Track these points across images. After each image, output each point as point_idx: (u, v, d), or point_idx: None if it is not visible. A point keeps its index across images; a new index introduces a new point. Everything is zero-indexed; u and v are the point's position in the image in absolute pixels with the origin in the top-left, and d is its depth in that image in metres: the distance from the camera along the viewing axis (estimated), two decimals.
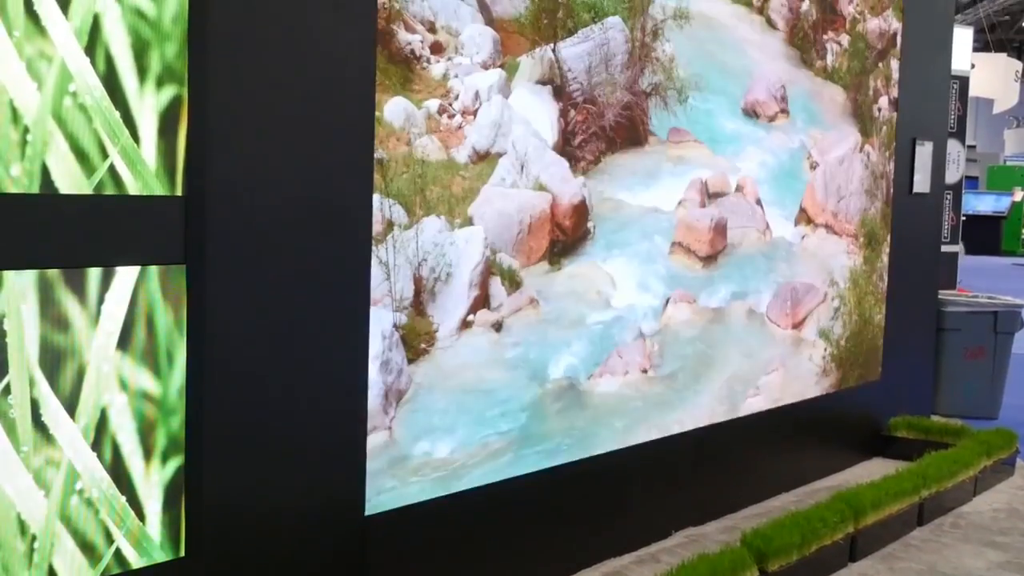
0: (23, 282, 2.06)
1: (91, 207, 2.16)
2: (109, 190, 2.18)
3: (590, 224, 3.56)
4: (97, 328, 2.18)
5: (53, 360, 2.12)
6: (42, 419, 2.10)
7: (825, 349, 5.00)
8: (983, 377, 6.65)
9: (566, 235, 3.47)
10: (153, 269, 2.27)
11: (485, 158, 3.14)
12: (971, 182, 21.05)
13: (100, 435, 2.20)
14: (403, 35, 2.86)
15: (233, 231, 2.42)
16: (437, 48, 2.98)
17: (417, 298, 2.95)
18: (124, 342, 2.23)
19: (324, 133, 2.63)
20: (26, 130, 2.03)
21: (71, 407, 2.15)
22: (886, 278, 5.46)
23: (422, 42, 2.93)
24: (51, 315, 2.10)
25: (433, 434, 3.04)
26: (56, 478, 2.13)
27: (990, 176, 25.89)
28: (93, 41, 2.12)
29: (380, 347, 2.84)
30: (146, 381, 2.28)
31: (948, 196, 7.53)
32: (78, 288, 2.15)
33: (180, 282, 2.32)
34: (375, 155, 2.78)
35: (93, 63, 2.12)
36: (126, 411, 2.25)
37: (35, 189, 2.05)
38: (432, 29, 2.96)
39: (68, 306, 2.13)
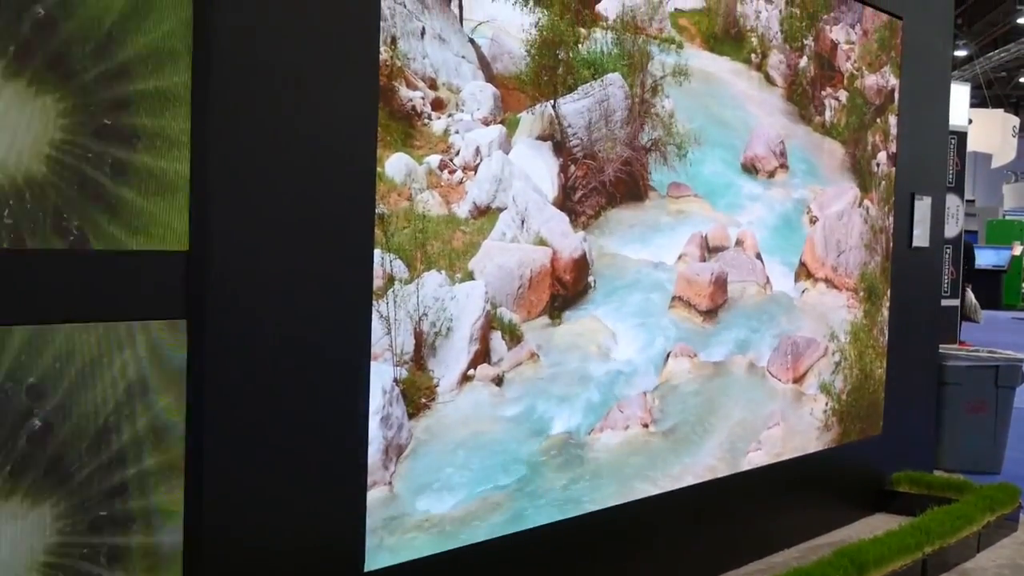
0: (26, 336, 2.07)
1: (93, 261, 2.17)
2: (112, 245, 2.19)
3: (590, 278, 3.57)
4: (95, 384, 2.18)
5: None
6: None
7: (826, 403, 4.99)
8: (985, 431, 6.63)
9: (567, 289, 3.48)
10: (154, 324, 2.28)
11: (486, 213, 3.16)
12: (971, 236, 21.12)
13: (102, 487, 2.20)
14: (405, 92, 2.89)
15: (235, 286, 2.43)
16: (438, 104, 3.00)
17: (418, 352, 2.95)
18: (124, 394, 2.23)
19: (325, 189, 2.65)
20: (35, 184, 2.05)
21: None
22: (887, 332, 5.46)
23: (423, 99, 2.95)
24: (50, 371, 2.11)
25: (433, 489, 3.03)
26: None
27: (989, 230, 25.96)
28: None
29: (380, 402, 2.84)
30: (147, 433, 2.28)
31: (948, 250, 7.55)
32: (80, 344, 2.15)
33: (181, 336, 2.33)
34: (376, 210, 2.79)
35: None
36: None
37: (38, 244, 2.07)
38: (433, 86, 2.99)
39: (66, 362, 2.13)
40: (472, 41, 3.12)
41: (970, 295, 9.47)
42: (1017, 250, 23.70)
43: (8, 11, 2.03)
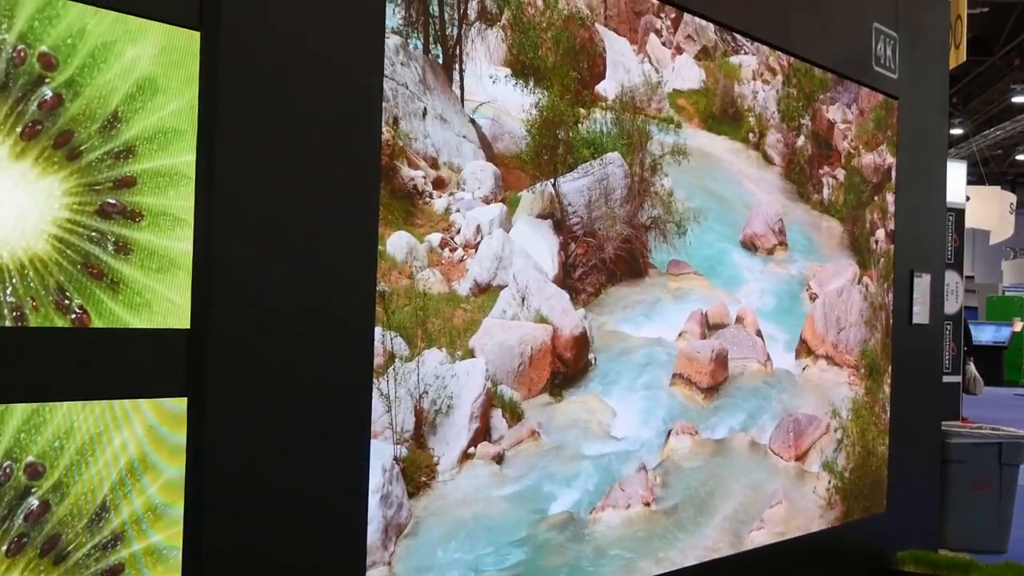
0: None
1: (94, 339, 2.18)
2: (113, 323, 2.20)
3: (591, 356, 3.57)
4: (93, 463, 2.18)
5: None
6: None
7: (829, 481, 4.96)
8: (990, 509, 6.57)
9: (567, 367, 3.48)
10: (153, 401, 2.28)
11: (486, 290, 3.17)
12: (970, 312, 21.15)
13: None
14: (406, 171, 2.92)
15: (235, 363, 2.43)
16: (440, 183, 3.03)
17: (418, 430, 2.94)
18: (122, 472, 2.22)
19: (327, 267, 2.66)
20: (38, 262, 2.06)
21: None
22: (889, 409, 5.44)
23: (425, 178, 2.98)
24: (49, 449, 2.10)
25: (433, 569, 2.99)
26: None
27: (989, 307, 26.01)
28: None
29: (380, 480, 2.82)
30: (145, 515, 2.26)
31: (948, 326, 7.56)
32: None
33: (181, 414, 2.33)
34: (377, 288, 2.80)
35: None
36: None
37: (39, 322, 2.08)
38: (435, 165, 3.02)
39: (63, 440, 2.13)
40: (473, 121, 3.16)
41: (971, 367, 9.47)
42: (1018, 326, 23.71)
43: (16, 92, 2.06)
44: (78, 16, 2.14)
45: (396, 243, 2.88)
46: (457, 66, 3.11)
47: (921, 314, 5.76)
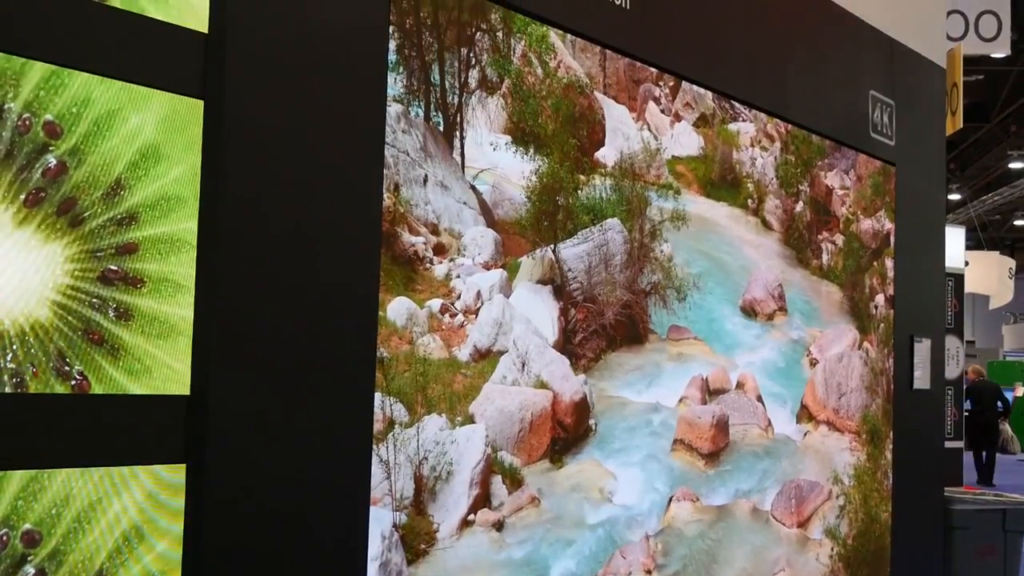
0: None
1: (93, 405, 2.17)
2: (113, 389, 2.20)
3: (591, 421, 3.56)
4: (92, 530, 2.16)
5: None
6: None
7: (832, 548, 4.91)
8: None
9: (568, 432, 3.47)
10: (152, 468, 2.27)
11: (486, 356, 3.17)
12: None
13: None
14: (407, 237, 2.94)
15: (235, 430, 2.42)
16: (440, 249, 3.05)
17: (418, 497, 2.92)
18: (120, 540, 2.20)
19: (327, 332, 2.66)
20: (39, 328, 2.06)
21: None
22: (891, 475, 5.41)
23: (425, 244, 3.00)
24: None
25: None
26: None
27: (990, 372, 25.94)
28: None
29: (379, 548, 2.80)
30: None
31: (949, 391, 7.54)
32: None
33: (180, 481, 2.31)
34: (377, 354, 2.80)
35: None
36: None
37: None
38: (435, 231, 3.04)
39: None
40: (474, 188, 3.18)
41: (1007, 427, 9.45)
42: (1019, 391, 23.65)
43: (20, 160, 2.08)
44: (83, 85, 2.17)
45: (396, 309, 2.88)
46: (458, 133, 3.14)
47: (922, 379, 5.75)
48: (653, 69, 3.94)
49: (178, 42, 2.35)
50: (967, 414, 16.00)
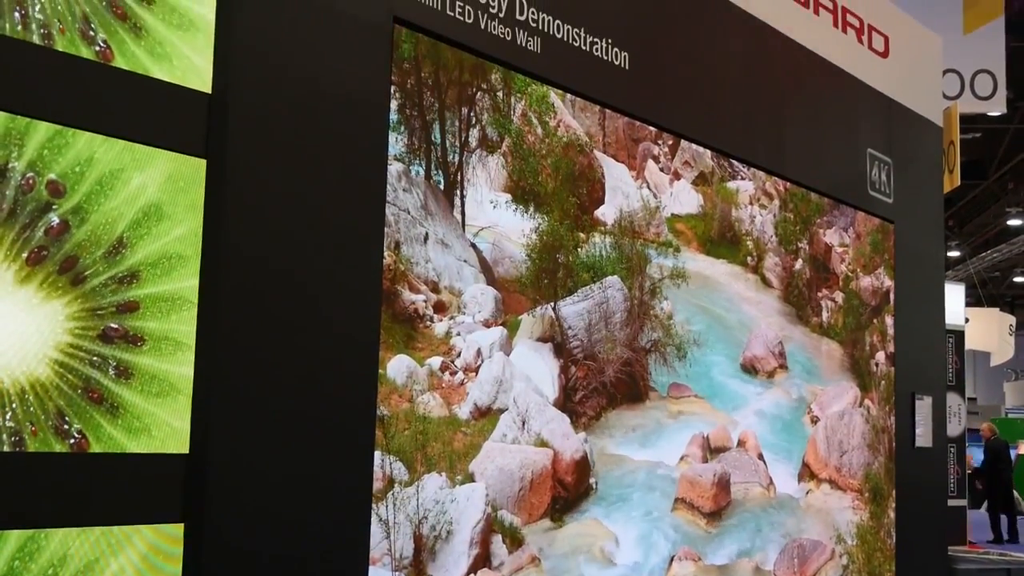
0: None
1: (92, 464, 2.16)
2: (111, 448, 2.19)
3: (592, 480, 3.54)
4: None
5: None
6: None
7: None
8: None
9: (568, 491, 3.44)
10: (150, 528, 2.25)
11: (487, 414, 3.17)
12: (973, 435, 20.99)
13: None
14: (407, 295, 2.94)
15: (234, 489, 2.41)
16: (440, 307, 3.05)
17: (417, 557, 2.90)
18: None
19: (327, 391, 2.66)
20: (38, 387, 2.06)
21: None
22: (894, 534, 5.37)
23: (426, 302, 3.00)
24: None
25: None
26: None
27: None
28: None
29: None
30: None
31: (952, 449, 7.51)
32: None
33: (177, 541, 2.30)
34: (377, 412, 2.80)
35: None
36: None
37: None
38: (435, 289, 3.04)
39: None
40: (474, 246, 3.19)
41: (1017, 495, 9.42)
42: (1022, 448, 23.51)
43: (23, 218, 2.09)
44: (87, 144, 2.19)
45: (396, 367, 2.88)
46: (458, 191, 3.16)
47: (924, 437, 5.73)
48: (652, 128, 3.97)
49: (182, 102, 2.38)
50: (980, 471, 15.82)
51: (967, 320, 8.76)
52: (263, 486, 2.49)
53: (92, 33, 2.22)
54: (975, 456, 16.35)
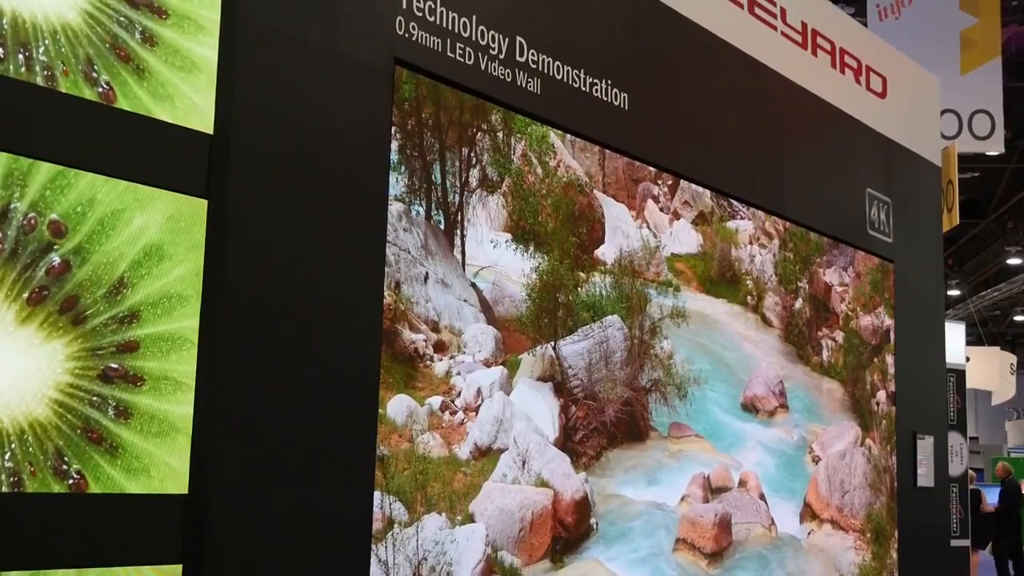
0: None
1: (91, 505, 2.16)
2: (110, 488, 2.18)
3: (592, 520, 3.52)
4: None
5: None
6: None
7: None
8: None
9: (568, 532, 3.43)
10: (148, 569, 2.24)
11: (487, 454, 3.16)
12: (976, 475, 20.92)
13: None
14: (408, 335, 2.94)
15: (232, 531, 2.40)
16: (440, 347, 3.05)
17: None
18: None
19: (327, 430, 2.65)
20: (37, 427, 2.06)
21: None
22: (896, 575, 5.33)
23: (426, 341, 3.00)
24: None
25: None
26: None
27: (994, 468, 25.72)
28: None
29: None
30: None
31: (954, 489, 7.47)
32: None
33: None
34: (377, 452, 2.79)
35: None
36: None
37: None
38: (436, 328, 3.04)
39: None
40: (474, 285, 3.20)
41: None
42: None
43: (24, 258, 2.09)
44: (88, 185, 2.20)
45: (396, 407, 2.87)
46: (458, 231, 3.17)
47: (926, 477, 5.70)
48: (652, 168, 3.98)
49: (183, 143, 2.39)
50: (993, 511, 15.58)
51: (968, 359, 8.75)
52: (262, 527, 2.48)
53: (95, 75, 2.24)
54: (989, 498, 16.01)
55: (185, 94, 2.40)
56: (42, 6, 2.16)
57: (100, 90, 2.25)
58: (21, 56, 2.13)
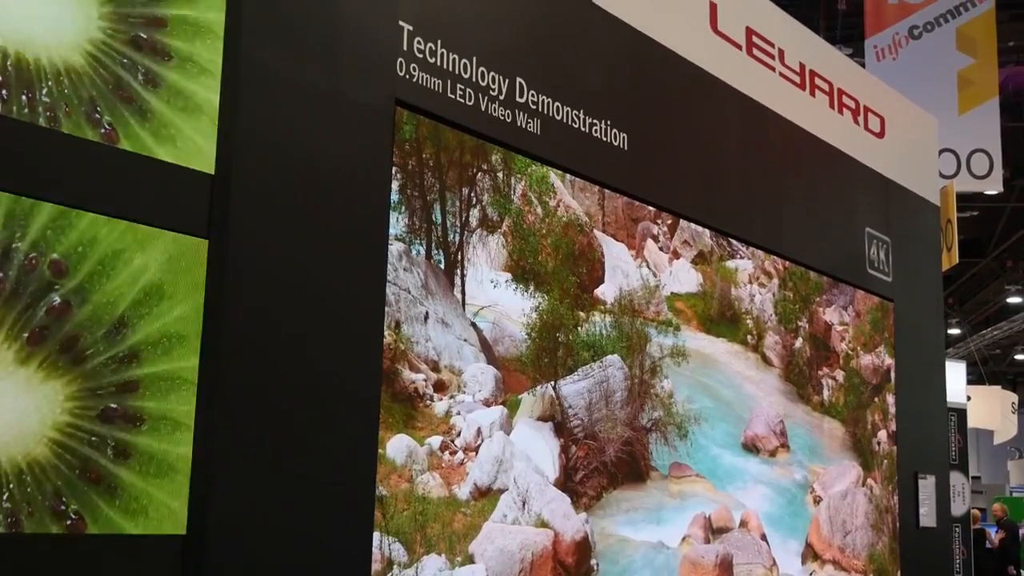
0: None
1: (88, 546, 2.15)
2: (108, 529, 2.17)
3: (593, 561, 3.50)
4: None
5: None
6: None
7: None
8: None
9: (569, 573, 3.41)
10: None
11: (487, 494, 3.14)
12: (980, 514, 20.82)
13: None
14: (407, 374, 2.94)
15: (230, 572, 2.39)
16: (440, 386, 3.05)
17: None
18: None
19: (326, 472, 2.64)
20: (36, 467, 2.05)
21: None
22: None
23: (426, 381, 3.00)
24: None
25: None
26: None
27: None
28: None
29: None
30: None
31: (956, 529, 7.43)
32: None
33: None
34: (376, 492, 2.78)
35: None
36: None
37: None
38: (436, 368, 3.04)
39: None
40: (474, 325, 3.20)
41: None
42: None
43: (25, 298, 2.10)
44: (90, 225, 2.21)
45: (396, 446, 2.87)
46: (459, 271, 3.17)
47: (928, 517, 5.68)
48: (651, 208, 4.00)
49: (185, 183, 2.40)
50: (990, 549, 15.55)
51: (969, 398, 8.74)
52: (260, 568, 2.46)
53: (98, 116, 2.25)
54: (992, 534, 16.09)
55: (187, 135, 2.41)
56: (46, 48, 2.18)
57: (103, 131, 2.26)
58: (24, 97, 2.14)
